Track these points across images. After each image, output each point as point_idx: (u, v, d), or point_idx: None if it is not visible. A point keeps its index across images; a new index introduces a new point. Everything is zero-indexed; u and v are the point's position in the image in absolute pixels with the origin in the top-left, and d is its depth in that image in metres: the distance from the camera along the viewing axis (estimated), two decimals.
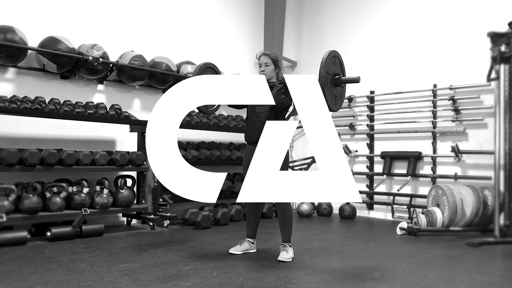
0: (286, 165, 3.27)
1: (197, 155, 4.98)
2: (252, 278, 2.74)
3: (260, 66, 3.37)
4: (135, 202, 4.60)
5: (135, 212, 4.66)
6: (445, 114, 5.23)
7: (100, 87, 4.84)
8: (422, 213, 4.70)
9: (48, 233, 3.75)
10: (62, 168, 3.98)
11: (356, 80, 3.07)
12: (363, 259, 3.34)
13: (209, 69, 3.66)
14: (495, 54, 4.03)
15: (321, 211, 5.81)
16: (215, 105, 3.77)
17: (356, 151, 6.02)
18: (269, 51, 3.43)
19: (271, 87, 3.22)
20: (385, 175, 5.59)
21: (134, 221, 4.86)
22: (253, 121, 3.38)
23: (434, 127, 5.26)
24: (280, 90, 3.17)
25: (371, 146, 5.90)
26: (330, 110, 3.07)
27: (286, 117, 3.46)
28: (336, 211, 5.84)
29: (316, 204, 5.91)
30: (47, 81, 4.43)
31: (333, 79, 3.04)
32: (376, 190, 5.75)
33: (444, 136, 5.20)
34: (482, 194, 4.36)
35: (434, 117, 5.28)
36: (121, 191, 4.36)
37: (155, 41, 5.30)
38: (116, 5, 5.01)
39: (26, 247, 3.48)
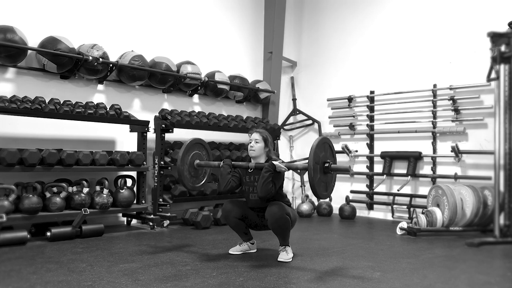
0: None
1: None
2: (252, 278, 2.74)
3: (250, 142, 3.36)
4: (135, 202, 4.60)
5: (135, 212, 4.66)
6: (445, 114, 5.23)
7: (100, 87, 4.84)
8: (422, 213, 4.70)
9: (48, 233, 3.75)
10: (62, 168, 3.98)
11: (346, 170, 3.00)
12: (363, 259, 3.34)
13: (195, 144, 3.63)
14: (495, 54, 4.03)
15: (321, 211, 5.81)
16: (205, 176, 3.75)
17: (356, 151, 6.02)
18: (261, 129, 3.41)
19: (259, 168, 3.22)
20: (385, 175, 5.59)
21: (134, 221, 4.86)
22: (248, 201, 3.40)
23: (434, 127, 5.26)
24: (267, 179, 3.12)
25: (371, 146, 5.90)
26: (320, 198, 3.06)
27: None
28: (336, 211, 5.84)
29: (316, 204, 5.91)
30: (47, 81, 4.43)
31: (323, 168, 2.96)
32: (376, 190, 5.75)
33: (444, 136, 5.20)
34: (482, 194, 4.36)
35: (434, 117, 5.28)
36: (121, 191, 4.36)
37: (155, 41, 5.30)
38: (116, 5, 5.01)
39: (26, 247, 3.48)
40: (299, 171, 6.32)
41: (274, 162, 3.17)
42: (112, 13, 4.97)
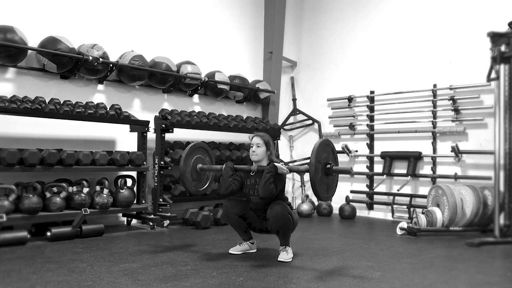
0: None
1: None
2: (252, 278, 2.74)
3: (251, 146, 3.36)
4: (135, 202, 4.60)
5: (135, 212, 4.66)
6: (445, 114, 5.23)
7: (100, 87, 4.84)
8: (422, 213, 4.70)
9: (48, 233, 3.75)
10: (62, 168, 3.98)
11: (348, 172, 3.02)
12: (363, 259, 3.34)
13: (198, 148, 3.62)
14: (495, 54, 4.03)
15: (321, 211, 5.81)
16: (208, 180, 3.75)
17: (356, 151, 6.02)
18: (262, 133, 3.42)
19: (261, 171, 3.23)
20: (385, 175, 5.59)
21: (134, 221, 4.86)
22: (252, 206, 3.39)
23: (434, 127, 5.26)
24: (268, 180, 3.12)
25: (371, 146, 5.90)
26: (321, 199, 3.06)
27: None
28: (336, 211, 5.84)
29: (316, 204, 5.91)
30: (47, 81, 4.43)
31: (324, 168, 2.97)
32: (376, 190, 5.75)
33: (444, 136, 5.20)
34: (482, 194, 4.36)
35: (434, 117, 5.28)
36: (121, 191, 4.36)
37: (155, 41, 5.30)
38: (116, 5, 5.01)
39: (26, 247, 3.48)
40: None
41: (276, 164, 3.18)
42: (112, 13, 4.97)
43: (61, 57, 4.19)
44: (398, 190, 5.43)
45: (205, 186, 3.72)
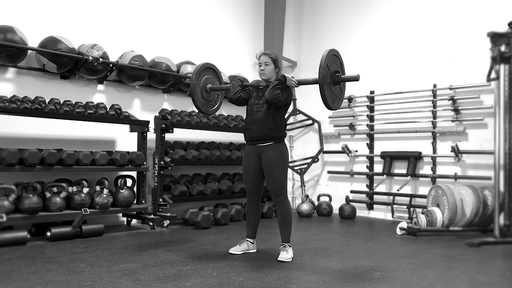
0: (285, 166, 3.31)
1: (197, 155, 4.98)
2: (252, 278, 2.74)
3: (260, 66, 3.35)
4: (135, 202, 4.60)
5: (135, 212, 4.66)
6: (445, 114, 5.23)
7: (100, 87, 4.84)
8: (422, 213, 4.70)
9: (48, 233, 3.75)
10: (62, 168, 3.98)
11: (355, 78, 3.05)
12: (363, 259, 3.34)
13: (209, 69, 3.66)
14: (495, 54, 4.03)
15: (321, 211, 5.81)
16: (216, 104, 3.75)
17: (356, 151, 6.02)
18: (269, 51, 3.42)
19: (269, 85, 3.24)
20: (385, 175, 5.59)
21: (134, 221, 4.86)
22: (251, 119, 3.37)
23: (434, 127, 5.26)
24: (275, 85, 3.15)
25: (371, 146, 5.90)
26: (328, 107, 3.06)
27: (286, 116, 3.47)
28: (336, 211, 5.84)
29: (316, 204, 5.91)
30: (47, 81, 4.43)
31: (333, 76, 3.04)
32: (376, 190, 5.75)
33: (444, 136, 5.20)
34: (482, 194, 4.36)
35: (434, 117, 5.28)
36: (121, 191, 4.36)
37: (155, 41, 5.30)
38: (116, 5, 5.01)
39: (26, 247, 3.48)
40: (301, 168, 6.33)
41: (286, 75, 3.20)
42: (112, 13, 4.97)
43: (61, 57, 4.19)
44: (398, 190, 5.43)
45: (214, 108, 3.73)
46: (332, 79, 3.03)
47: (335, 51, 3.10)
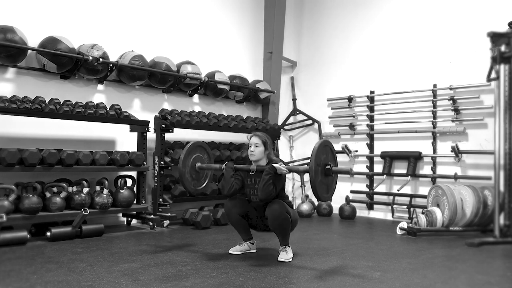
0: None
1: None
2: (252, 278, 2.74)
3: (250, 146, 3.36)
4: (135, 202, 4.60)
5: (135, 212, 4.65)
6: (445, 114, 5.22)
7: (100, 87, 4.84)
8: (422, 213, 4.70)
9: (48, 233, 3.75)
10: (62, 168, 3.98)
11: (348, 172, 3.06)
12: (363, 259, 3.34)
13: (197, 147, 3.61)
14: (495, 54, 4.02)
15: (321, 211, 5.81)
16: (206, 179, 3.74)
17: (356, 151, 6.02)
18: (260, 133, 3.40)
19: (260, 170, 3.23)
20: (385, 175, 5.59)
21: (134, 221, 4.86)
22: (252, 203, 3.39)
23: (434, 127, 5.26)
24: (267, 181, 3.12)
25: (371, 146, 5.90)
26: (321, 200, 3.07)
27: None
28: (336, 211, 5.84)
29: (316, 204, 5.91)
30: (47, 81, 4.43)
31: (324, 170, 2.99)
32: (376, 190, 5.75)
33: (444, 136, 5.20)
34: (482, 194, 4.36)
35: (434, 117, 5.28)
36: (121, 191, 4.36)
37: (155, 41, 5.30)
38: (116, 5, 5.01)
39: (26, 247, 3.48)
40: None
41: (275, 165, 3.17)
42: (112, 13, 4.96)
43: (61, 57, 4.19)
44: (398, 190, 5.43)
45: (204, 185, 3.71)
46: (324, 173, 2.99)
47: (326, 142, 3.06)
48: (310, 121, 6.61)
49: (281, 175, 3.23)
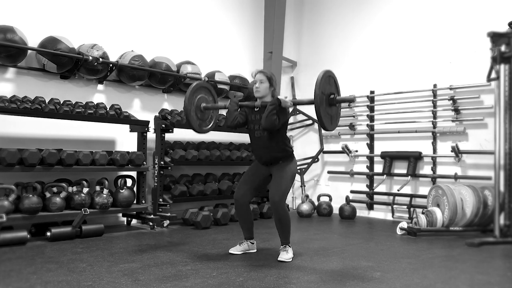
0: (292, 179, 3.31)
1: (197, 155, 4.97)
2: (252, 278, 2.74)
3: (255, 83, 3.37)
4: (135, 202, 4.60)
5: (135, 212, 4.65)
6: (445, 114, 5.22)
7: (100, 87, 4.84)
8: (422, 213, 4.70)
9: (48, 233, 3.75)
10: (62, 168, 3.98)
11: (351, 100, 3.11)
12: (363, 259, 3.34)
13: (202, 88, 3.60)
14: (495, 54, 4.02)
15: (321, 211, 5.81)
16: (211, 122, 3.73)
17: (356, 151, 6.02)
18: (265, 70, 3.44)
19: (265, 106, 3.23)
20: (385, 175, 5.59)
21: (134, 221, 4.86)
22: (255, 146, 3.39)
23: (434, 127, 5.26)
24: (271, 111, 3.14)
25: (371, 146, 5.90)
26: (326, 129, 3.08)
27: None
28: (336, 211, 5.84)
29: (316, 204, 5.91)
30: (47, 81, 4.43)
31: (328, 99, 3.03)
32: (376, 190, 5.75)
33: (444, 136, 5.20)
34: (482, 194, 4.36)
35: (434, 117, 5.28)
36: (121, 191, 4.36)
37: (155, 41, 5.30)
38: (116, 5, 5.01)
39: (26, 247, 3.48)
40: (298, 171, 6.33)
41: (280, 97, 3.20)
42: (112, 13, 4.97)
43: (61, 57, 4.19)
44: (398, 190, 5.43)
45: (209, 126, 3.70)
46: (328, 102, 3.03)
47: (329, 72, 3.09)
48: (310, 121, 6.61)
49: (285, 109, 3.23)
